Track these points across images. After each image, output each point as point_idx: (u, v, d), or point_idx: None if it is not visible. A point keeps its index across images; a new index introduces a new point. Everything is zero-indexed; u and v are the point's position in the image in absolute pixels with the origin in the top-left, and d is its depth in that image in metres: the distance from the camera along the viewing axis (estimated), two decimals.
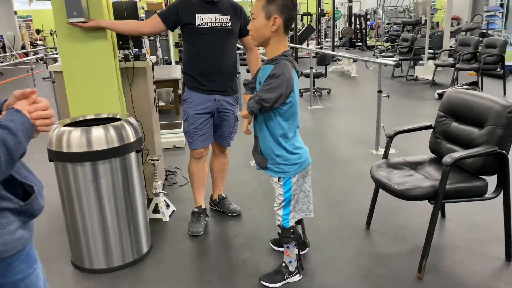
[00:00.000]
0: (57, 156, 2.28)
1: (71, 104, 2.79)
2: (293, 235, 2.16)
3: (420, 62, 9.25)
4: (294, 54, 2.13)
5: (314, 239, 2.71)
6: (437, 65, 8.10)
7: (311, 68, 6.63)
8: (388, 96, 4.32)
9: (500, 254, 2.40)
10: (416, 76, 8.73)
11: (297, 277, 2.27)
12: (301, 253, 2.36)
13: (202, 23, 2.59)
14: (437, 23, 14.38)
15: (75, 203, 2.34)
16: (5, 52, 15.33)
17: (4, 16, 16.72)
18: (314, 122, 5.82)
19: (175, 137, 4.83)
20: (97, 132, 2.24)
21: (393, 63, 4.25)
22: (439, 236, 2.68)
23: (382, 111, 4.39)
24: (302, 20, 15.31)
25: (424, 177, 2.37)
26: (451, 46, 9.39)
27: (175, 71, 6.94)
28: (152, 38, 7.70)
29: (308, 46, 11.63)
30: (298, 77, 2.09)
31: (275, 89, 1.86)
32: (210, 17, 2.61)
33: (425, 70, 8.56)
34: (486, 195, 2.27)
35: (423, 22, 12.57)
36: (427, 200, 2.22)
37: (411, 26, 13.30)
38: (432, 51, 8.99)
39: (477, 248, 2.53)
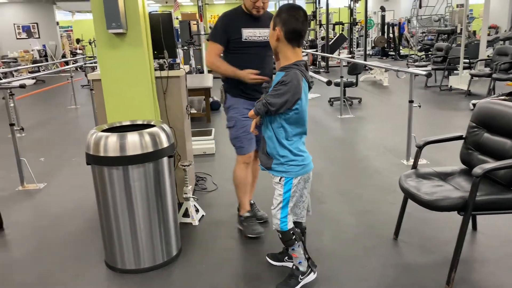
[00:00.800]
0: (94, 160, 2.37)
1: (108, 110, 2.91)
2: (294, 236, 2.16)
3: (455, 72, 9.04)
4: (307, 65, 2.18)
5: (337, 246, 2.72)
6: (472, 75, 7.89)
7: (341, 77, 6.62)
8: (420, 106, 4.28)
9: None
10: (451, 86, 8.53)
11: (312, 276, 2.27)
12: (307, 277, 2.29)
13: (247, 37, 2.73)
14: (474, 32, 14.02)
15: (109, 205, 2.42)
16: (47, 60, 15.99)
17: (47, 27, 17.46)
18: (343, 131, 5.79)
19: (206, 144, 4.92)
20: (132, 137, 2.33)
21: (424, 73, 4.19)
22: (469, 248, 2.62)
23: (414, 121, 4.34)
24: (334, 29, 15.28)
25: (453, 188, 2.33)
26: (488, 56, 9.14)
27: (207, 80, 7.08)
28: (185, 47, 7.88)
29: (339, 55, 11.59)
30: (310, 87, 2.12)
31: (282, 95, 1.94)
32: (254, 31, 2.75)
33: (460, 80, 8.35)
34: None
35: (458, 31, 12.27)
36: (456, 212, 2.19)
37: (446, 35, 13.02)
38: (467, 60, 8.78)
39: (508, 262, 2.46)
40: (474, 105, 6.58)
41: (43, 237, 3.05)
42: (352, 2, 12.73)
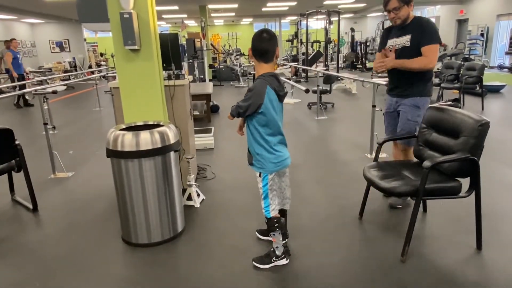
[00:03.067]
0: (113, 154, 2.35)
1: (125, 113, 2.88)
2: (277, 224, 2.11)
3: None
4: (278, 77, 2.11)
5: (313, 224, 2.72)
6: None
7: (318, 86, 6.62)
8: (381, 110, 4.27)
9: (472, 244, 2.36)
10: None
11: (284, 261, 2.21)
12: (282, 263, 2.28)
13: (388, 46, 2.84)
14: None
15: (125, 191, 2.41)
16: (76, 70, 15.79)
17: (76, 42, 17.25)
18: (319, 130, 5.80)
19: (206, 140, 4.89)
20: (145, 135, 2.31)
21: (384, 83, 4.18)
22: (421, 227, 2.64)
23: (376, 122, 4.34)
24: (312, 46, 15.24)
25: (407, 177, 2.35)
26: (437, 69, 9.19)
27: (208, 87, 7.03)
28: (191, 61, 7.81)
29: (316, 67, 11.55)
30: (279, 95, 2.02)
31: (247, 99, 1.96)
32: (394, 40, 2.79)
33: None
34: (460, 194, 2.24)
35: None
36: (409, 197, 2.20)
37: None
38: None
39: (453, 238, 2.48)
40: None
41: (70, 218, 3.02)
42: (327, 24, 12.70)
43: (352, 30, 16.37)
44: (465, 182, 2.26)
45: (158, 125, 2.56)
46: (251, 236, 2.59)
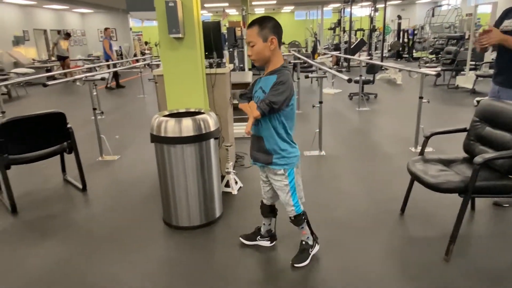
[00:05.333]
0: (156, 139, 2.44)
1: (168, 100, 2.96)
2: (304, 216, 2.08)
3: (462, 72, 8.56)
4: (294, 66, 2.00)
5: (351, 218, 2.66)
6: (477, 75, 7.44)
7: (360, 76, 6.42)
8: (429, 102, 4.09)
9: None
10: (457, 85, 8.09)
11: (317, 247, 2.21)
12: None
13: (503, 27, 2.52)
14: None
15: (167, 175, 2.49)
16: (122, 58, 16.44)
17: (122, 32, 17.88)
18: (360, 122, 5.64)
19: (245, 128, 4.91)
20: (187, 122, 2.37)
21: (434, 73, 3.98)
22: (467, 226, 2.51)
23: (423, 115, 4.15)
24: (355, 34, 14.76)
25: (455, 173, 2.23)
26: (492, 59, 8.57)
27: (248, 76, 7.03)
28: (231, 49, 7.85)
29: (359, 56, 11.20)
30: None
31: (282, 93, 1.79)
32: (510, 21, 2.50)
33: (466, 80, 7.90)
34: None
35: (466, 37, 11.56)
36: (457, 194, 2.10)
37: (455, 41, 12.26)
38: (473, 63, 8.27)
39: (501, 238, 2.34)
40: (478, 101, 6.24)
41: (115, 198, 3.19)
42: (372, 11, 12.19)
43: (399, 17, 15.61)
44: None
45: (200, 113, 2.61)
46: (286, 224, 2.59)
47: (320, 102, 4.08)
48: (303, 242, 2.18)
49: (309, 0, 16.37)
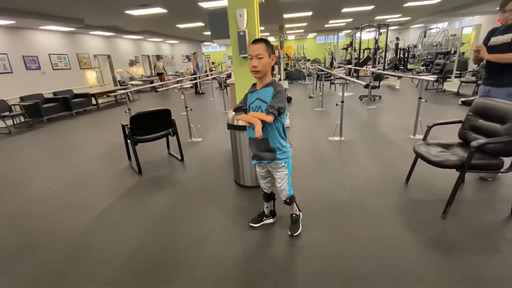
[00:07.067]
0: (231, 127, 2.47)
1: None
2: (294, 196, 1.92)
3: (448, 79, 7.77)
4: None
5: (368, 185, 2.56)
6: (462, 81, 6.71)
7: (370, 82, 6.05)
8: (426, 101, 3.75)
9: (507, 210, 2.02)
10: (444, 89, 7.36)
11: (301, 214, 2.06)
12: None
13: (490, 43, 2.33)
14: (463, 53, 11.81)
15: (238, 150, 2.53)
16: (196, 74, 16.84)
17: (200, 55, 18.22)
18: (369, 117, 5.33)
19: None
20: None
21: (433, 79, 3.63)
22: (459, 194, 2.32)
23: (421, 111, 3.83)
24: (363, 52, 13.86)
25: (452, 154, 2.06)
26: (473, 69, 7.69)
27: (285, 84, 6.88)
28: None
29: (366, 68, 10.54)
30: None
31: (283, 100, 1.61)
32: (497, 38, 2.30)
33: (452, 85, 7.17)
34: (502, 170, 1.90)
35: (452, 52, 10.44)
36: (455, 169, 1.93)
37: (442, 55, 11.09)
38: (458, 72, 7.46)
39: (487, 204, 2.15)
40: (462, 101, 5.64)
41: (202, 166, 3.29)
42: (377, 35, 11.34)
43: (397, 39, 14.41)
44: (507, 161, 1.91)
45: None
46: (322, 189, 2.56)
47: (342, 102, 3.91)
48: (293, 215, 2.01)
49: (327, 28, 15.56)
